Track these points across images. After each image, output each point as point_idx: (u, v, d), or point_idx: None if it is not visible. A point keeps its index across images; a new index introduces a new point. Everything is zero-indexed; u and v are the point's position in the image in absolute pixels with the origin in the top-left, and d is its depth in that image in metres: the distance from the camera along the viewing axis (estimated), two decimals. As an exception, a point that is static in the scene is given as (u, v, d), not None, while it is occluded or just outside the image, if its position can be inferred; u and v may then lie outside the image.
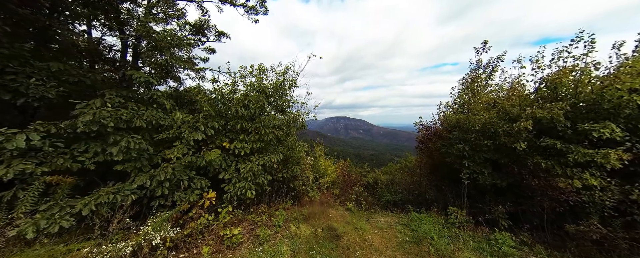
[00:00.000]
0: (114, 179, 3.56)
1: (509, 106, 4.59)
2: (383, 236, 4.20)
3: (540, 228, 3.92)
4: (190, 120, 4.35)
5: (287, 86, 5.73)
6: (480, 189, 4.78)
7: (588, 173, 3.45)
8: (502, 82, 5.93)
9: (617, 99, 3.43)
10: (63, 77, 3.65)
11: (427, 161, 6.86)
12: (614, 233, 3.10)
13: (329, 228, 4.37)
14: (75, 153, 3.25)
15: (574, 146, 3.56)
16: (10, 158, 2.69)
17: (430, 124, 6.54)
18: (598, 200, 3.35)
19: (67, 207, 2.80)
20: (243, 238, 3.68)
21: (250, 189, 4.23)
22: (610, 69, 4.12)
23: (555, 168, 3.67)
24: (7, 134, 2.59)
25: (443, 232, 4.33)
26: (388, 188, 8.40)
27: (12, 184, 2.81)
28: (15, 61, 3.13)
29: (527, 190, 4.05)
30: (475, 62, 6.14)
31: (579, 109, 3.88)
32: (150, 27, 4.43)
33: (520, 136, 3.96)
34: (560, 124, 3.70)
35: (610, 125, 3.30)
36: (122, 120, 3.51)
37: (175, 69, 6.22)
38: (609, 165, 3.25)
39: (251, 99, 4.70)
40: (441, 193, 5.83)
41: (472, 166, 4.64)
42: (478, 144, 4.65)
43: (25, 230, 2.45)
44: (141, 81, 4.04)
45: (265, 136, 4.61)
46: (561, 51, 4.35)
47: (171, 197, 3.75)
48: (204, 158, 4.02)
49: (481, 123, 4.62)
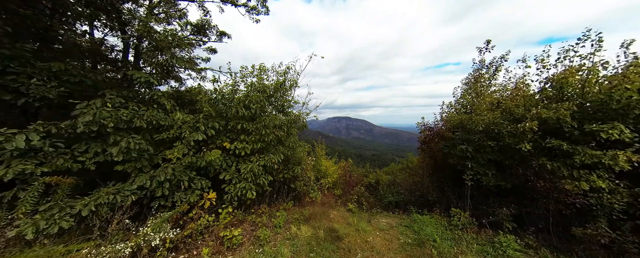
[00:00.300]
0: (114, 179, 3.55)
1: (513, 106, 4.51)
2: (385, 238, 4.15)
3: (546, 230, 3.84)
4: (190, 120, 4.33)
5: (288, 86, 5.70)
6: (484, 190, 4.70)
7: (595, 175, 3.36)
8: (506, 82, 5.84)
9: (626, 100, 3.34)
10: (64, 77, 3.65)
11: (429, 162, 6.78)
12: (624, 237, 3.01)
13: (330, 230, 4.33)
14: (76, 153, 3.24)
15: (581, 147, 3.47)
16: (10, 158, 2.68)
17: (432, 125, 6.46)
18: (606, 203, 3.26)
19: (67, 208, 2.79)
20: (243, 239, 3.65)
21: (251, 190, 4.21)
22: (618, 68, 4.02)
23: (562, 169, 3.59)
24: (6, 134, 2.58)
25: (446, 234, 4.26)
26: (390, 188, 8.32)
27: (13, 184, 2.81)
28: (16, 62, 3.14)
29: (532, 191, 3.97)
30: (479, 62, 6.06)
31: (586, 110, 3.79)
32: (151, 27, 4.43)
33: (525, 137, 3.87)
34: (567, 125, 3.61)
35: (618, 126, 3.22)
36: (122, 120, 3.50)
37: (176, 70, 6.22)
38: (618, 167, 3.17)
39: (252, 100, 4.68)
40: (444, 194, 5.75)
41: (475, 168, 4.57)
42: (482, 145, 4.57)
43: (25, 230, 2.44)
44: (142, 81, 4.03)
45: (266, 136, 4.58)
46: (567, 50, 4.26)
47: (171, 198, 3.74)
48: (205, 158, 4.00)
49: (485, 124, 4.54)
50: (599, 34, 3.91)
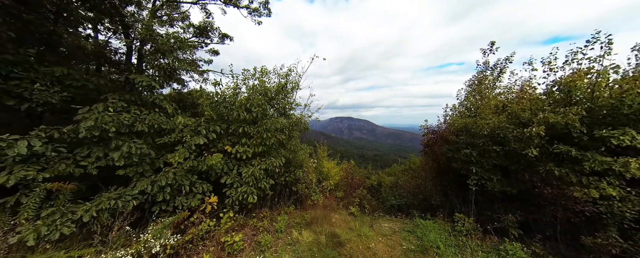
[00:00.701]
0: (116, 183, 3.55)
1: (519, 110, 4.41)
2: (387, 244, 4.09)
3: (554, 238, 3.74)
4: (192, 124, 4.33)
5: (289, 88, 5.67)
6: (489, 196, 4.61)
7: (606, 182, 3.26)
8: (512, 84, 5.73)
9: (638, 105, 3.24)
10: (67, 81, 3.67)
11: (433, 165, 6.69)
12: (636, 248, 2.91)
13: (331, 235, 4.28)
14: (78, 158, 3.25)
15: (591, 153, 3.37)
16: (13, 164, 2.69)
17: (435, 128, 6.37)
18: (617, 211, 3.16)
19: (68, 213, 2.79)
20: (244, 244, 3.62)
21: (252, 194, 4.18)
22: (628, 71, 3.90)
23: (570, 176, 3.49)
24: (8, 141, 2.59)
25: (449, 240, 4.18)
26: (392, 191, 8.24)
27: (15, 188, 2.82)
28: (20, 67, 3.16)
29: (539, 198, 3.87)
30: (483, 63, 5.96)
31: (595, 114, 3.68)
32: (153, 31, 4.44)
33: (532, 142, 3.78)
34: (576, 131, 3.51)
35: (630, 132, 3.11)
36: (124, 125, 3.50)
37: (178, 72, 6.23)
38: (629, 174, 3.07)
39: (253, 103, 4.66)
40: (447, 198, 5.66)
41: (480, 172, 4.48)
42: (486, 150, 4.48)
43: (27, 236, 2.45)
44: (144, 84, 4.04)
45: (268, 140, 4.56)
46: (576, 53, 4.15)
47: (172, 202, 3.73)
48: (206, 162, 3.99)
49: (490, 128, 4.45)
50: (608, 36, 3.80)
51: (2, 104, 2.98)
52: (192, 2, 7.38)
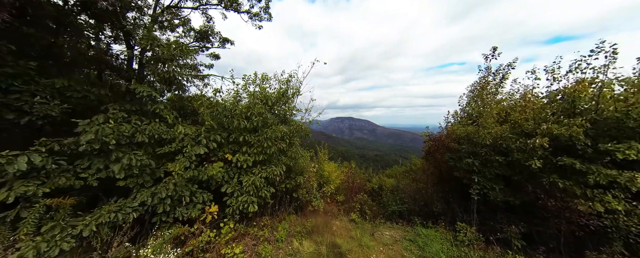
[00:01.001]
0: (117, 194, 3.54)
1: (522, 119, 4.36)
2: (388, 255, 4.06)
3: (557, 251, 3.70)
4: (192, 133, 4.31)
5: (290, 94, 5.65)
6: (491, 205, 4.57)
7: (611, 195, 3.22)
8: (514, 91, 5.68)
9: (644, 118, 3.19)
10: (68, 93, 3.66)
11: (434, 172, 6.65)
12: (641, 264, 2.87)
13: (332, 245, 4.26)
14: (78, 170, 3.24)
15: (595, 166, 3.33)
16: (13, 180, 2.68)
17: (437, 135, 6.33)
18: (622, 225, 3.12)
19: (68, 228, 2.78)
20: (245, 256, 3.61)
21: (253, 203, 4.16)
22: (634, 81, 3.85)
23: (574, 188, 3.45)
24: (7, 157, 2.58)
25: (451, 250, 4.15)
26: (393, 194, 8.20)
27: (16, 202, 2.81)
28: (20, 79, 3.15)
29: (543, 210, 3.83)
30: (485, 69, 5.91)
31: (600, 126, 3.63)
32: (154, 38, 4.42)
33: (536, 154, 3.74)
34: (580, 143, 3.47)
35: (636, 146, 3.07)
36: (124, 136, 3.49)
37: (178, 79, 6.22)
38: (635, 188, 3.02)
39: (253, 112, 4.64)
40: (449, 206, 5.62)
41: (482, 182, 4.44)
42: (489, 160, 4.44)
43: (26, 253, 2.44)
44: (144, 94, 4.02)
45: (268, 148, 4.53)
46: (579, 62, 4.10)
47: (173, 213, 3.71)
48: (206, 172, 3.97)
49: (492, 138, 4.40)
50: (613, 45, 3.75)
51: (1, 119, 2.97)
52: (193, 8, 7.37)
